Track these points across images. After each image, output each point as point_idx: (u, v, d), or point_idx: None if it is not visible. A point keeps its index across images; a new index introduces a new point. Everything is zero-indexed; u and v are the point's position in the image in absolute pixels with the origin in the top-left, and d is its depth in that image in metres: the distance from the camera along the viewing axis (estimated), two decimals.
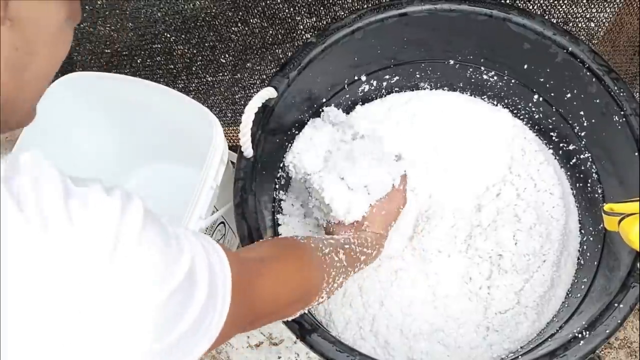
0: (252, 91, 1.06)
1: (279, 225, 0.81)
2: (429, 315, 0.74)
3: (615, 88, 0.69)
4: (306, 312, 0.59)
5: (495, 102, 0.86)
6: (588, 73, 0.71)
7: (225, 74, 1.05)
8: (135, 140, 0.92)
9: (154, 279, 0.33)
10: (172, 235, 0.36)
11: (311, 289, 0.55)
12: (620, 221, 0.54)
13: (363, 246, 0.65)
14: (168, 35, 1.00)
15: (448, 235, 0.77)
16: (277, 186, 0.81)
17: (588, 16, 0.91)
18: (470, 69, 0.83)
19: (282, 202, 0.83)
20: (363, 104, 0.88)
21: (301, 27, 0.99)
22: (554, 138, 0.82)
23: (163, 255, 0.34)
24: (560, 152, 0.82)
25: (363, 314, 0.75)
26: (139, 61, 1.03)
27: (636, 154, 0.66)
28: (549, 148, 0.84)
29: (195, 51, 1.02)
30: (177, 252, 0.35)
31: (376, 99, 0.88)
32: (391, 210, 0.71)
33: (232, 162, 0.87)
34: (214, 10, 0.94)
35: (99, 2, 0.99)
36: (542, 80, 0.78)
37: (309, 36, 0.99)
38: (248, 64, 1.04)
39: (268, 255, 0.52)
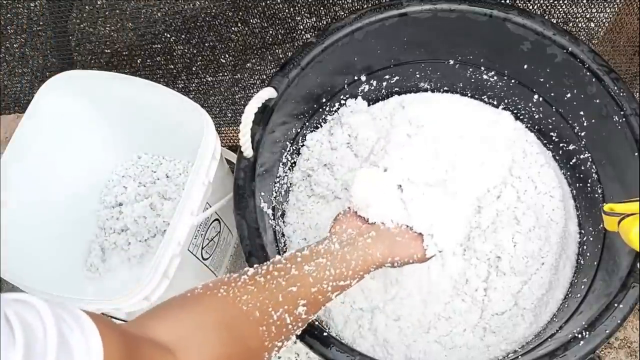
0: (252, 91, 1.06)
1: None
2: (427, 314, 0.74)
3: (615, 88, 0.69)
4: None
5: (495, 103, 0.86)
6: (588, 73, 0.71)
7: (225, 74, 1.05)
8: (129, 138, 0.92)
9: None
10: None
11: None
12: (620, 221, 0.54)
13: (341, 273, 0.55)
14: (168, 35, 1.00)
15: None
16: (277, 186, 0.81)
17: (588, 16, 0.91)
18: (470, 69, 0.83)
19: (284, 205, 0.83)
20: None
21: (301, 27, 0.99)
22: (554, 138, 0.82)
23: None
24: (560, 152, 0.82)
25: (362, 313, 0.75)
26: (139, 61, 1.04)
27: (636, 154, 0.66)
28: (549, 149, 0.84)
29: (195, 51, 1.02)
30: None
31: (376, 99, 0.88)
32: (407, 249, 0.61)
33: (232, 162, 0.87)
34: (214, 10, 0.95)
35: (99, 2, 0.99)
36: (542, 80, 0.78)
37: (309, 36, 0.99)
38: (248, 64, 1.04)
39: (179, 336, 0.42)
